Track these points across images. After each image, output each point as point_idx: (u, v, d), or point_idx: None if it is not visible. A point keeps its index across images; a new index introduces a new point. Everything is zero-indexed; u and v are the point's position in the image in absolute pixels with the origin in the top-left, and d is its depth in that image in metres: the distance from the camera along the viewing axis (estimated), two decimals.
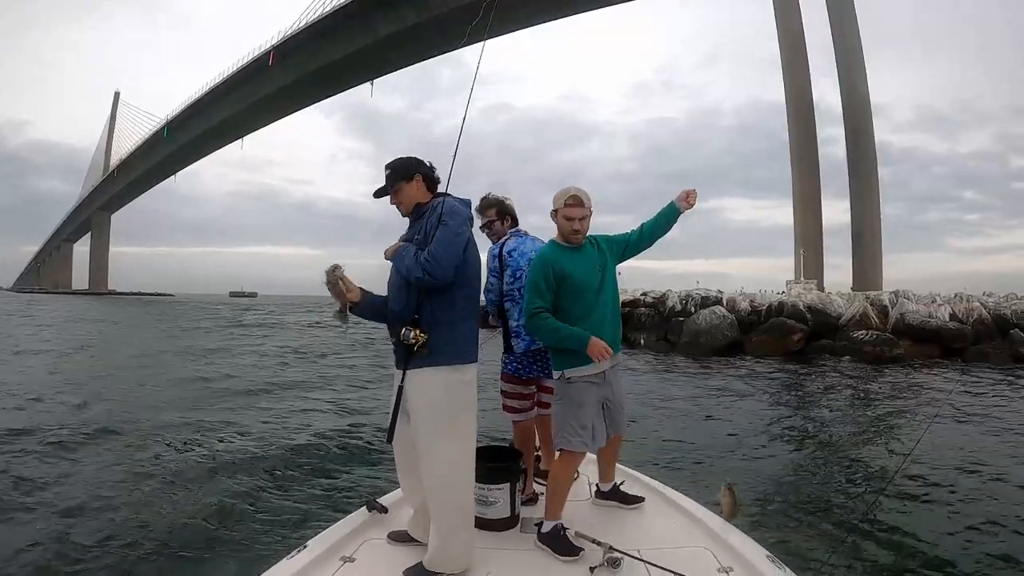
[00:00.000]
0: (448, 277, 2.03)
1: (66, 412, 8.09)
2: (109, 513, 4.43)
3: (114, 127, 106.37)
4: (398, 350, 2.09)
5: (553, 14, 46.35)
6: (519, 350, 2.80)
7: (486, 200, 2.93)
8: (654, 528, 2.46)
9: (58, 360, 14.50)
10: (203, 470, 5.49)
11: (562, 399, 2.44)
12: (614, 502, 2.67)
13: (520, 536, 2.39)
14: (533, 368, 2.80)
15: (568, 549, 2.17)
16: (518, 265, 2.79)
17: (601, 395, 2.43)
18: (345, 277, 2.15)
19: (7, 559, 3.66)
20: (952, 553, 3.91)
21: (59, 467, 5.60)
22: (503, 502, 2.40)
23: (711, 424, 8.10)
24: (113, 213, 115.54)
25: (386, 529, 2.34)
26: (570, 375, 2.39)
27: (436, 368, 2.05)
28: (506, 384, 2.85)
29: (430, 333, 2.03)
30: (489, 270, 2.85)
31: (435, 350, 2.04)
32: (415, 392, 2.06)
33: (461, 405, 2.09)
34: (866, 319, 18.92)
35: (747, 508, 4.44)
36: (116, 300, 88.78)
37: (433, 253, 2.01)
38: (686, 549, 2.21)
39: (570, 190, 2.45)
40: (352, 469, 5.60)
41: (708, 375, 13.93)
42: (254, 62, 57.21)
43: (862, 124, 36.14)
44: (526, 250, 2.82)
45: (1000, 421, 8.41)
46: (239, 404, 8.60)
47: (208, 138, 73.72)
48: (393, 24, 45.85)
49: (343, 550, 2.16)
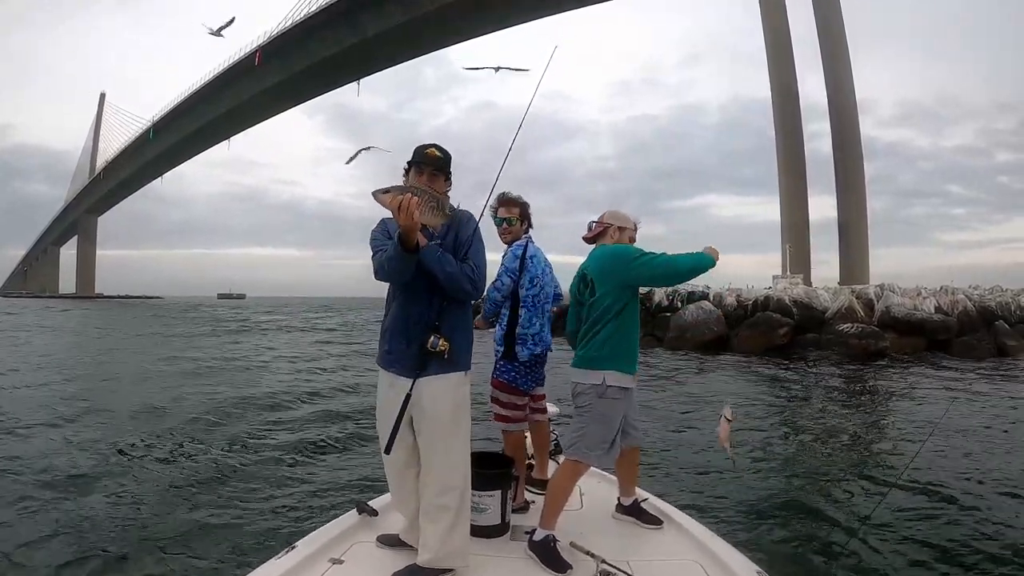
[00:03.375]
0: (480, 293, 2.16)
1: (49, 402, 7.91)
2: (91, 511, 4.35)
3: (100, 129, 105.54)
4: (409, 356, 2.03)
5: (539, 12, 46.29)
6: (522, 358, 2.72)
7: (510, 197, 2.85)
8: (645, 540, 2.45)
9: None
10: (190, 470, 5.41)
11: (591, 410, 2.36)
12: (632, 519, 2.59)
13: (510, 544, 2.37)
14: (529, 378, 2.76)
15: (557, 564, 2.13)
16: (536, 272, 2.75)
17: (625, 408, 2.42)
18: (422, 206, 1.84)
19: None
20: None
21: (41, 460, 5.55)
22: (494, 509, 2.40)
23: (694, 423, 7.92)
24: (100, 216, 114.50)
25: (375, 532, 2.33)
26: (610, 384, 2.34)
27: (454, 375, 2.07)
28: (499, 392, 2.76)
29: (451, 340, 2.02)
30: (506, 269, 2.76)
31: (454, 357, 2.04)
32: (430, 399, 2.02)
33: (466, 409, 2.14)
34: (852, 312, 18.94)
35: (734, 519, 4.35)
36: (104, 303, 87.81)
37: (478, 270, 2.04)
38: (676, 562, 2.20)
39: (636, 216, 2.65)
40: (342, 471, 5.50)
41: (693, 371, 13.85)
42: (240, 62, 56.84)
43: (848, 119, 36.38)
44: (541, 259, 2.81)
45: (997, 419, 8.31)
46: (230, 408, 8.38)
47: (195, 139, 73.21)
48: (380, 22, 45.67)
49: (332, 552, 2.15)
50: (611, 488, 2.81)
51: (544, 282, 2.79)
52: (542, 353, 2.81)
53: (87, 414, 7.87)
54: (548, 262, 2.89)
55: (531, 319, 2.73)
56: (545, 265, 2.83)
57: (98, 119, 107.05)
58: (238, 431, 7.03)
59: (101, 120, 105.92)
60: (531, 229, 2.90)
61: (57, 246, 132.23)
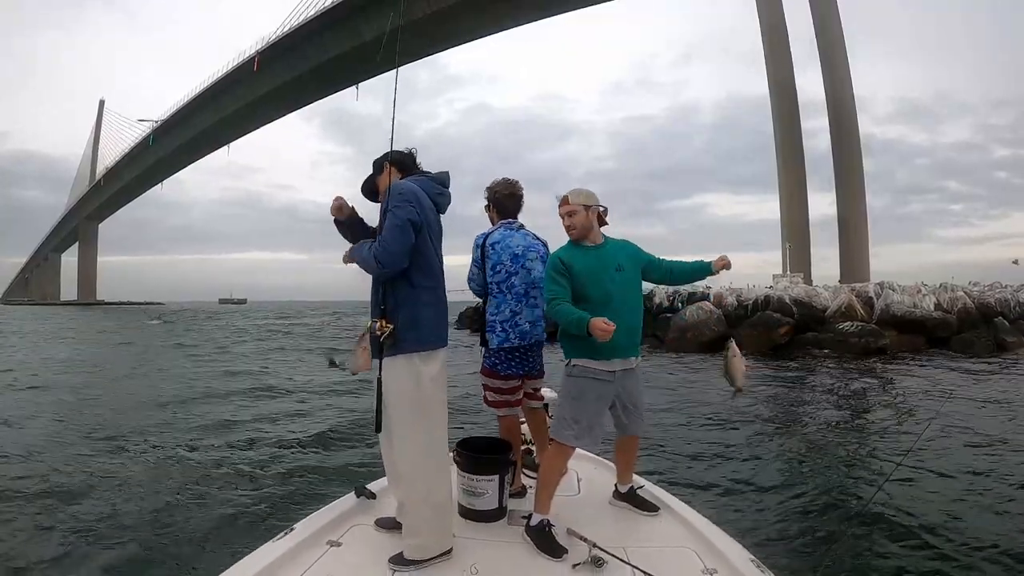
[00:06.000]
0: (401, 263, 2.02)
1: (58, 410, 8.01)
2: (90, 501, 4.45)
3: (99, 136, 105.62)
4: (373, 342, 2.07)
5: (536, 15, 46.35)
6: (492, 345, 2.73)
7: (489, 185, 2.90)
8: (640, 526, 2.46)
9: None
10: (188, 455, 5.55)
11: (562, 389, 2.45)
12: (628, 505, 2.62)
13: (507, 528, 2.38)
14: (512, 365, 2.74)
15: (551, 548, 2.15)
16: (499, 259, 2.74)
17: (609, 393, 2.41)
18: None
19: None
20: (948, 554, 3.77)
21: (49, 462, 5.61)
22: (491, 493, 2.40)
23: (694, 420, 8.04)
24: (100, 223, 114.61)
25: (374, 515, 2.34)
26: (576, 363, 2.40)
27: (404, 356, 2.04)
28: (485, 379, 2.80)
29: (396, 322, 2.02)
30: (472, 259, 2.81)
31: (401, 338, 2.03)
32: (387, 381, 2.03)
33: (429, 393, 2.07)
34: (851, 311, 18.99)
35: (730, 506, 4.42)
36: (106, 310, 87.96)
37: (382, 241, 1.99)
38: (671, 549, 2.21)
39: (567, 192, 2.52)
40: (341, 455, 5.63)
41: (694, 371, 13.92)
42: (239, 68, 56.93)
43: (846, 115, 36.37)
44: (511, 244, 2.76)
45: (995, 418, 8.37)
46: (231, 396, 8.51)
47: (195, 145, 73.22)
48: (378, 27, 45.71)
49: (330, 534, 2.16)
50: (608, 475, 2.83)
51: (512, 269, 2.74)
52: (522, 344, 2.73)
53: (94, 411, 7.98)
54: (531, 246, 2.81)
55: (498, 306, 2.73)
56: (524, 249, 2.77)
57: (98, 126, 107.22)
58: (237, 416, 7.18)
59: (101, 127, 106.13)
60: (506, 217, 2.86)
61: (58, 253, 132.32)
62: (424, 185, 2.18)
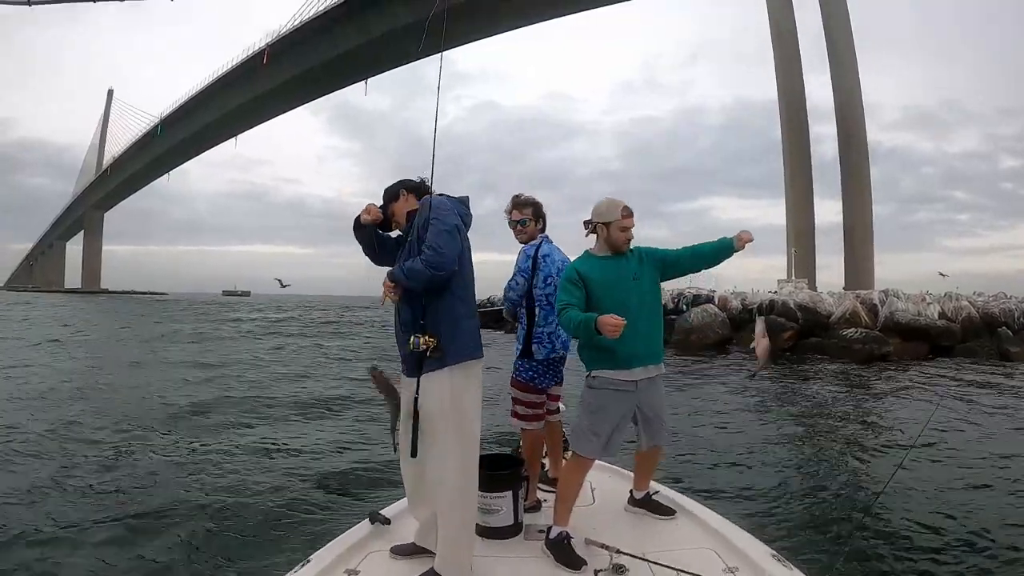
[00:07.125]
0: (452, 266, 2.06)
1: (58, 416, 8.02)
2: (106, 531, 4.14)
3: (107, 125, 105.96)
4: (409, 360, 2.10)
5: (548, 14, 46.43)
6: (539, 356, 2.75)
7: (522, 199, 2.88)
8: (658, 530, 2.47)
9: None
10: (203, 485, 5.22)
11: (582, 401, 2.43)
12: (644, 511, 2.63)
13: (524, 544, 2.38)
14: (547, 377, 2.78)
15: (569, 560, 2.15)
16: (550, 272, 2.77)
17: (630, 404, 2.40)
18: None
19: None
20: (957, 549, 3.87)
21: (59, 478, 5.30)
22: (506, 510, 2.41)
23: (703, 422, 8.10)
24: (106, 212, 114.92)
25: (389, 542, 2.32)
26: (597, 375, 2.38)
27: (449, 369, 2.07)
28: (517, 392, 2.79)
29: (438, 336, 2.05)
30: (519, 270, 2.80)
31: (445, 351, 2.06)
32: (428, 397, 2.06)
33: (469, 405, 2.11)
34: (856, 317, 19.04)
35: (746, 507, 4.45)
36: (111, 298, 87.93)
37: (432, 244, 2.04)
38: (691, 550, 2.21)
39: (618, 200, 2.44)
40: (354, 481, 5.35)
41: (699, 373, 13.97)
42: (248, 61, 57.10)
43: (854, 122, 36.36)
44: (557, 258, 2.82)
45: (994, 417, 8.48)
46: (241, 420, 8.12)
47: (202, 136, 73.45)
48: (386, 23, 45.81)
49: (347, 563, 2.15)
50: (622, 482, 2.84)
51: (557, 281, 2.75)
52: (562, 355, 2.80)
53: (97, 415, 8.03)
54: (567, 260, 2.85)
55: (547, 317, 2.75)
56: (562, 263, 2.81)
57: (106, 115, 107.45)
58: (249, 444, 6.69)
59: (109, 116, 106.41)
60: (546, 228, 2.92)
61: (63, 241, 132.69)
62: (452, 203, 2.24)
